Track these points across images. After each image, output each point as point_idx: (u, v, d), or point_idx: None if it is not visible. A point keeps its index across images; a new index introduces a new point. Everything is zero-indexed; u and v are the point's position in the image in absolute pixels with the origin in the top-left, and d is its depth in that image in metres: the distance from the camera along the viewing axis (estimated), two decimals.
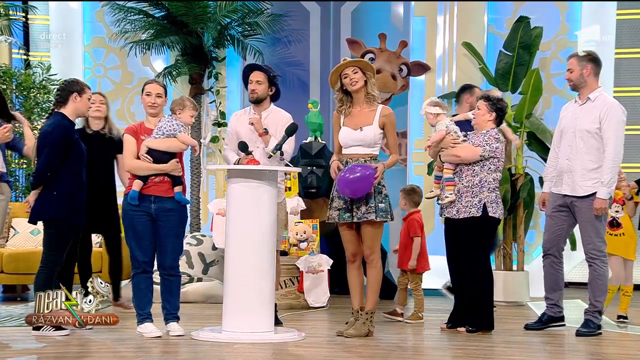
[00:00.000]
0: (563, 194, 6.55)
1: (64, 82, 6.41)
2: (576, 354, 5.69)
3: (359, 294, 6.30)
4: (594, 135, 6.41)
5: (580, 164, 6.44)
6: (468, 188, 6.45)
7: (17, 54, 10.27)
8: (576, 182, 6.45)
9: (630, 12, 9.86)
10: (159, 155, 6.12)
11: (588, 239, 6.46)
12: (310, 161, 8.75)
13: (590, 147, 6.42)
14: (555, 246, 6.64)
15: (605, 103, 6.47)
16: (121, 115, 10.11)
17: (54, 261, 6.15)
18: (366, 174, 6.01)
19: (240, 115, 6.76)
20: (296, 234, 8.27)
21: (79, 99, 6.26)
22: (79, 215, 6.25)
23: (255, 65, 6.89)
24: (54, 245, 6.16)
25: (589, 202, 6.40)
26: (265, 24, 9.76)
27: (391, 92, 9.69)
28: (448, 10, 9.54)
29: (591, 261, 6.48)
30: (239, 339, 5.84)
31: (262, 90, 6.61)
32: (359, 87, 6.17)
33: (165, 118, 6.21)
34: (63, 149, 6.12)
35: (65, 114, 6.23)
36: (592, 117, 6.43)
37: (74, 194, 6.19)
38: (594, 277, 6.48)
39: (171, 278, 6.21)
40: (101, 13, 10.21)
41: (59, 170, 6.12)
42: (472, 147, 6.47)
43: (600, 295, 6.46)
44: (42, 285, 5.97)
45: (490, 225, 6.49)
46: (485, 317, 6.45)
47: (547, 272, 6.69)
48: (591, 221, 6.43)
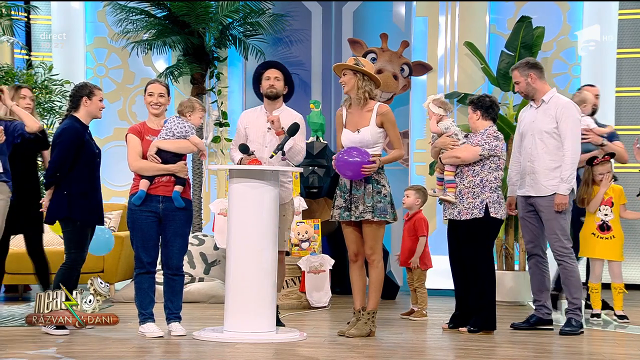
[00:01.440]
0: (527, 195, 6.65)
1: (74, 88, 6.52)
2: (577, 354, 5.68)
3: (361, 294, 6.30)
4: (552, 135, 6.55)
5: (542, 165, 6.56)
6: (469, 189, 6.45)
7: (19, 54, 10.27)
8: (539, 182, 6.57)
9: (632, 12, 9.85)
10: (167, 156, 6.13)
11: (554, 237, 6.55)
12: (311, 161, 8.76)
13: (550, 147, 6.55)
14: (537, 246, 6.74)
15: (559, 103, 6.60)
16: (123, 116, 10.12)
17: (75, 259, 6.29)
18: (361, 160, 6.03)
19: (250, 114, 6.69)
20: (298, 234, 8.27)
21: (89, 102, 6.41)
22: (92, 215, 6.37)
23: (274, 62, 6.85)
24: (72, 243, 6.30)
25: (550, 201, 6.52)
26: (267, 24, 9.76)
27: (393, 92, 9.70)
28: (450, 10, 9.53)
29: (560, 259, 6.56)
30: (241, 339, 5.85)
31: (280, 86, 6.58)
32: (348, 89, 6.22)
33: (174, 119, 6.21)
34: (72, 151, 6.23)
35: (77, 117, 6.36)
36: (549, 117, 6.57)
37: (87, 194, 6.31)
38: (566, 276, 6.58)
39: (176, 278, 6.22)
40: (103, 13, 10.22)
41: (69, 171, 6.23)
42: (471, 147, 6.47)
43: (576, 291, 6.56)
44: (60, 280, 6.06)
45: (492, 226, 6.50)
46: (487, 317, 6.45)
47: (533, 273, 6.78)
48: (555, 218, 6.53)
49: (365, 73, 6.18)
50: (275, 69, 6.62)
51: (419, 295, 7.41)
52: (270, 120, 6.39)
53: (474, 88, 9.35)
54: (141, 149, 6.16)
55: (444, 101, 6.73)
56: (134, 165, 6.16)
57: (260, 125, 6.53)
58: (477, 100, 6.62)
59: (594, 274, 7.20)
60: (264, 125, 6.52)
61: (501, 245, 8.69)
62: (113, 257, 8.35)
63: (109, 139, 10.12)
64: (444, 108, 6.65)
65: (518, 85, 6.69)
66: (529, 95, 6.69)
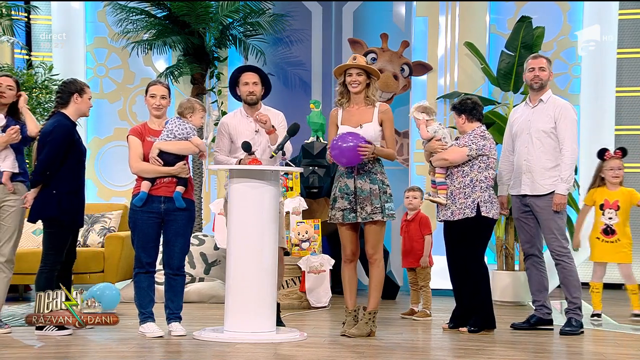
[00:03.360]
0: (522, 194, 6.65)
1: (63, 83, 6.41)
2: (577, 354, 5.68)
3: (354, 294, 6.33)
4: (550, 134, 6.56)
5: (539, 164, 6.57)
6: (460, 189, 6.47)
7: (19, 54, 10.27)
8: (536, 181, 6.58)
9: (633, 12, 9.85)
10: (169, 158, 6.12)
11: (552, 237, 6.56)
12: (312, 161, 8.76)
13: (547, 147, 6.56)
14: (534, 246, 6.74)
15: (557, 104, 6.63)
16: (123, 116, 10.13)
17: (54, 261, 6.20)
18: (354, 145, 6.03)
19: (231, 120, 6.58)
20: (298, 234, 8.27)
21: (80, 100, 6.30)
22: (78, 215, 6.30)
23: (249, 66, 6.76)
24: (52, 244, 6.21)
25: (548, 201, 6.52)
26: (267, 24, 9.76)
27: (393, 92, 9.70)
28: (450, 10, 9.53)
29: (558, 259, 6.57)
30: (241, 339, 5.85)
31: (259, 90, 6.52)
32: (359, 89, 6.22)
33: (175, 121, 6.19)
34: (63, 149, 6.15)
35: (66, 114, 6.25)
36: (547, 117, 6.58)
37: (73, 193, 6.23)
38: (564, 276, 6.58)
39: (177, 278, 6.22)
40: (103, 13, 10.22)
41: (59, 170, 6.15)
42: (458, 148, 6.50)
43: (575, 291, 6.56)
44: (43, 285, 6.01)
45: (484, 225, 6.49)
46: (487, 316, 6.46)
47: (531, 273, 6.78)
48: (553, 218, 6.53)
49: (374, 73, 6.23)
50: (251, 72, 6.55)
51: (424, 294, 7.43)
52: (263, 120, 6.34)
53: (474, 88, 9.35)
54: (142, 150, 6.15)
55: (425, 106, 6.74)
56: (135, 167, 6.15)
57: (245, 129, 6.49)
58: (460, 105, 6.62)
59: (595, 274, 7.22)
60: (249, 128, 6.49)
61: (501, 245, 8.69)
62: (113, 257, 8.34)
63: (109, 139, 10.14)
64: (426, 112, 6.68)
65: (543, 72, 6.64)
66: (543, 87, 6.66)
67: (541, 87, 6.67)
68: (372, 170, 6.18)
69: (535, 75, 6.67)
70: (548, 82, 6.70)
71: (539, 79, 6.65)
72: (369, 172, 6.17)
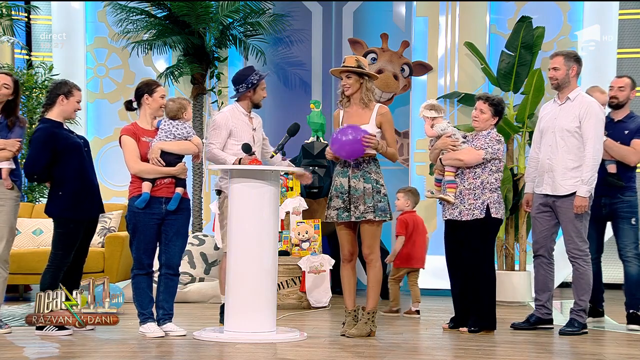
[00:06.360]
0: (544, 193, 6.59)
1: (53, 84, 6.42)
2: (577, 354, 5.68)
3: (353, 294, 6.32)
4: (574, 134, 6.45)
5: (561, 163, 6.48)
6: (470, 190, 6.45)
7: (20, 54, 10.28)
8: (557, 181, 6.50)
9: (632, 12, 9.86)
10: (170, 158, 6.11)
11: (569, 239, 6.50)
12: (312, 161, 8.76)
13: (570, 146, 6.46)
14: (544, 247, 6.69)
15: (584, 102, 6.50)
16: (123, 116, 10.11)
17: (61, 260, 6.21)
18: (358, 138, 6.03)
19: (230, 115, 6.60)
20: (298, 234, 8.27)
21: (65, 102, 6.29)
22: (86, 211, 6.28)
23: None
24: (61, 244, 6.22)
25: (569, 202, 6.44)
26: (267, 24, 9.77)
27: (393, 92, 9.69)
28: (450, 10, 9.53)
29: (573, 260, 6.52)
30: (241, 339, 5.85)
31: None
32: (351, 92, 6.23)
33: (172, 122, 6.17)
34: (48, 149, 6.13)
35: (51, 119, 6.26)
36: (572, 116, 6.47)
37: (78, 191, 6.22)
38: (576, 277, 6.53)
39: (175, 278, 6.22)
40: (103, 13, 10.22)
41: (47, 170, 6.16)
42: (475, 150, 6.47)
43: (584, 294, 6.51)
44: (47, 283, 6.02)
45: (493, 225, 6.50)
46: (487, 317, 6.45)
47: (537, 273, 6.76)
48: (572, 221, 6.46)
49: (369, 75, 6.22)
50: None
51: (415, 292, 7.64)
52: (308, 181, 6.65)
53: (474, 88, 9.35)
54: (139, 151, 6.12)
55: (434, 104, 6.75)
56: (135, 167, 6.11)
57: (245, 126, 6.57)
58: (499, 105, 6.54)
59: None
60: (247, 126, 6.56)
61: (501, 245, 8.70)
62: (113, 257, 8.35)
63: (109, 139, 10.13)
64: (435, 109, 6.68)
65: (557, 71, 6.55)
66: (561, 86, 6.56)
67: (557, 86, 6.58)
68: (367, 169, 6.18)
69: (549, 76, 6.63)
70: (570, 80, 6.55)
71: (554, 79, 6.59)
72: (364, 171, 6.17)
